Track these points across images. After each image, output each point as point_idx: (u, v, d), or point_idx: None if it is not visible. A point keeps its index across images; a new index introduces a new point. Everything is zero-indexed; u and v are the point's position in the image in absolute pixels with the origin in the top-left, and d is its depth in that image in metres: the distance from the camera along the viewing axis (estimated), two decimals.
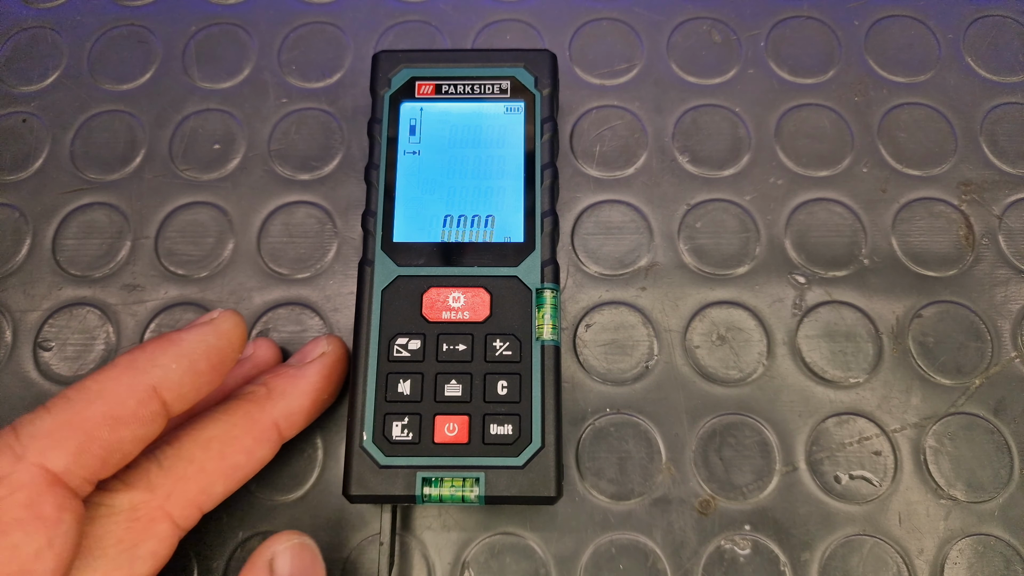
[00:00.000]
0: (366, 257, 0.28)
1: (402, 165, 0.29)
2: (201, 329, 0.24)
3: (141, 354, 0.22)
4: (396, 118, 0.30)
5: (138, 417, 0.22)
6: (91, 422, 0.21)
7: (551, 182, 0.29)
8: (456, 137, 0.30)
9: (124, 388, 0.21)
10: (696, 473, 0.30)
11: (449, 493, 0.25)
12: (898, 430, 0.30)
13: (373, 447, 0.26)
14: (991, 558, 0.28)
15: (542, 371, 0.26)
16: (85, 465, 0.21)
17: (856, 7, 0.36)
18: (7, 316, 0.32)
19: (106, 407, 0.21)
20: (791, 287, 0.32)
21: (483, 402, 0.26)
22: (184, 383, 0.23)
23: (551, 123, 0.29)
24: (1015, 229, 0.33)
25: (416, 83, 0.30)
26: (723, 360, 0.31)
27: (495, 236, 0.28)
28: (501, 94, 0.30)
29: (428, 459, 0.25)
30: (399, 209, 0.29)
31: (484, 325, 0.27)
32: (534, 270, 0.28)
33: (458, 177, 0.29)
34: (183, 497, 0.23)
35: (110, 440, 0.21)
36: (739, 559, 0.29)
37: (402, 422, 0.26)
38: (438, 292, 0.27)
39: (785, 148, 0.34)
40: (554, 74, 0.30)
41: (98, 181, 0.34)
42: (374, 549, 0.29)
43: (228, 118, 0.35)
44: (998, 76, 0.35)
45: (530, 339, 0.27)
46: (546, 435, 0.26)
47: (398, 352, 0.27)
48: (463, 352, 0.27)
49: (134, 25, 0.36)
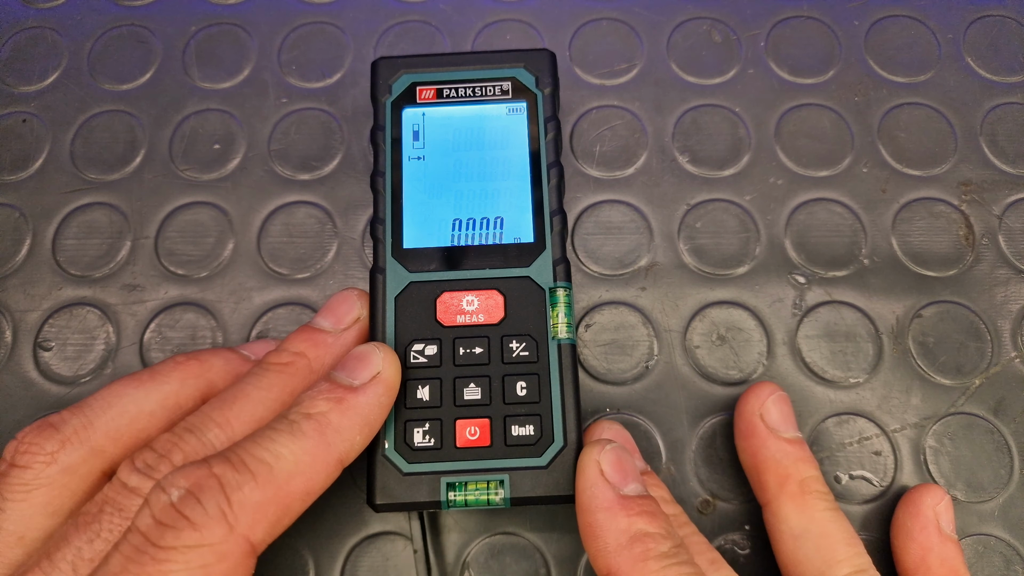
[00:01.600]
0: (377, 265, 0.28)
1: (408, 171, 0.29)
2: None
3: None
4: (399, 124, 0.30)
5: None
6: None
7: (557, 180, 0.29)
8: (460, 140, 0.30)
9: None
10: (696, 473, 0.30)
11: (474, 497, 0.25)
12: (898, 430, 0.30)
13: (396, 455, 0.26)
14: (991, 558, 0.28)
15: (560, 369, 0.26)
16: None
17: (856, 7, 0.36)
18: (7, 316, 0.32)
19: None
20: (791, 287, 0.32)
21: (503, 404, 0.26)
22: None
23: (554, 122, 0.30)
24: (1015, 229, 0.33)
25: (417, 88, 0.30)
26: (723, 360, 0.31)
27: (505, 237, 0.28)
28: (503, 95, 0.30)
29: (451, 464, 0.25)
30: (407, 215, 0.28)
31: (499, 327, 0.27)
32: (546, 269, 0.28)
33: (464, 180, 0.29)
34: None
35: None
36: (739, 559, 0.29)
37: (423, 428, 0.26)
38: (451, 296, 0.27)
39: (785, 148, 0.34)
40: (554, 73, 0.30)
41: (98, 181, 0.34)
42: (374, 549, 0.29)
43: (228, 118, 0.35)
44: (998, 76, 0.35)
45: (546, 338, 0.27)
46: (568, 433, 0.26)
47: (415, 358, 0.27)
48: (480, 355, 0.27)
49: (134, 25, 0.36)
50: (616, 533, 0.22)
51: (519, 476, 0.25)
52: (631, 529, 0.22)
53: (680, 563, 0.22)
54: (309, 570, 0.29)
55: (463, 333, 0.27)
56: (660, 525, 0.23)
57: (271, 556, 0.29)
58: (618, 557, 0.22)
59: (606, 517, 0.23)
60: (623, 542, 0.22)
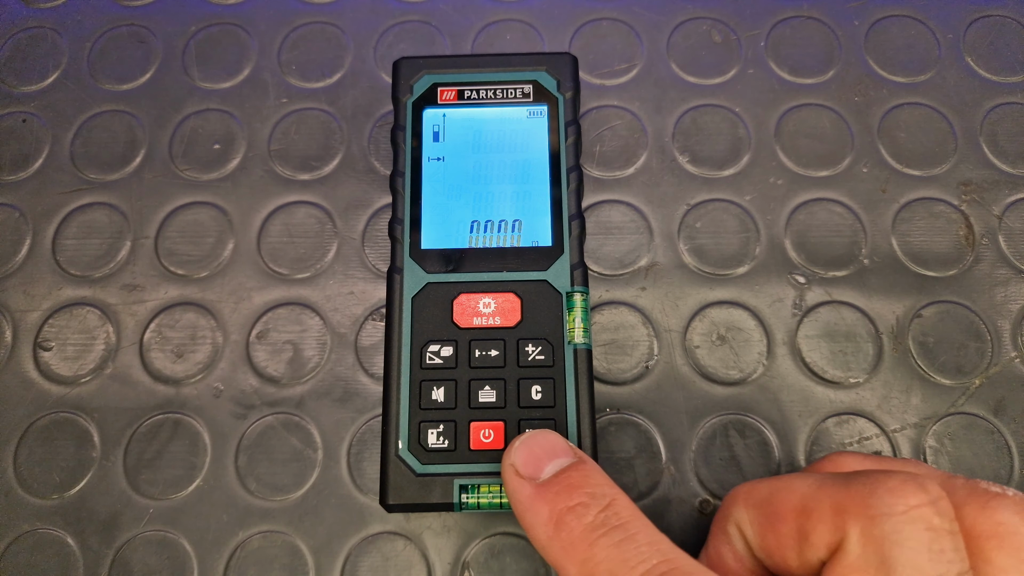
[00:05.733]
0: (395, 265, 0.28)
1: (427, 172, 0.29)
2: None
3: None
4: (419, 125, 0.30)
5: None
6: None
7: (577, 184, 0.29)
8: (480, 142, 0.30)
9: None
10: (696, 473, 0.30)
11: (487, 500, 0.25)
12: (898, 430, 0.30)
13: (409, 455, 0.26)
14: None
15: (576, 374, 0.26)
16: None
17: (856, 7, 0.36)
18: (7, 316, 0.32)
19: None
20: (791, 287, 0.32)
21: (518, 407, 0.26)
22: None
23: (575, 126, 0.29)
24: (1015, 229, 0.33)
25: (438, 89, 0.30)
26: (723, 360, 0.31)
27: (523, 240, 0.28)
28: (524, 98, 0.30)
29: (465, 466, 0.25)
30: (426, 216, 0.28)
31: (515, 330, 0.27)
32: (563, 273, 0.28)
33: (484, 182, 0.29)
34: None
35: None
36: None
37: (437, 429, 0.26)
38: (468, 298, 0.27)
39: (785, 148, 0.34)
40: (576, 76, 0.30)
41: (98, 181, 0.34)
42: (374, 549, 0.29)
43: (228, 118, 0.35)
44: (998, 76, 0.35)
45: (562, 343, 0.27)
46: (582, 439, 0.26)
47: (431, 359, 0.27)
48: (496, 358, 0.27)
49: (134, 25, 0.36)
50: (543, 526, 0.21)
51: None
52: (553, 513, 0.21)
53: (607, 531, 0.20)
54: (309, 570, 0.29)
55: (479, 335, 0.27)
56: (582, 493, 0.21)
57: (272, 556, 0.29)
58: (551, 550, 0.21)
59: (531, 514, 0.22)
60: (551, 532, 0.21)
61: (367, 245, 0.33)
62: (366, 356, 0.31)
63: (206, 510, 0.29)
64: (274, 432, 0.30)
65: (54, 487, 0.30)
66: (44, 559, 0.29)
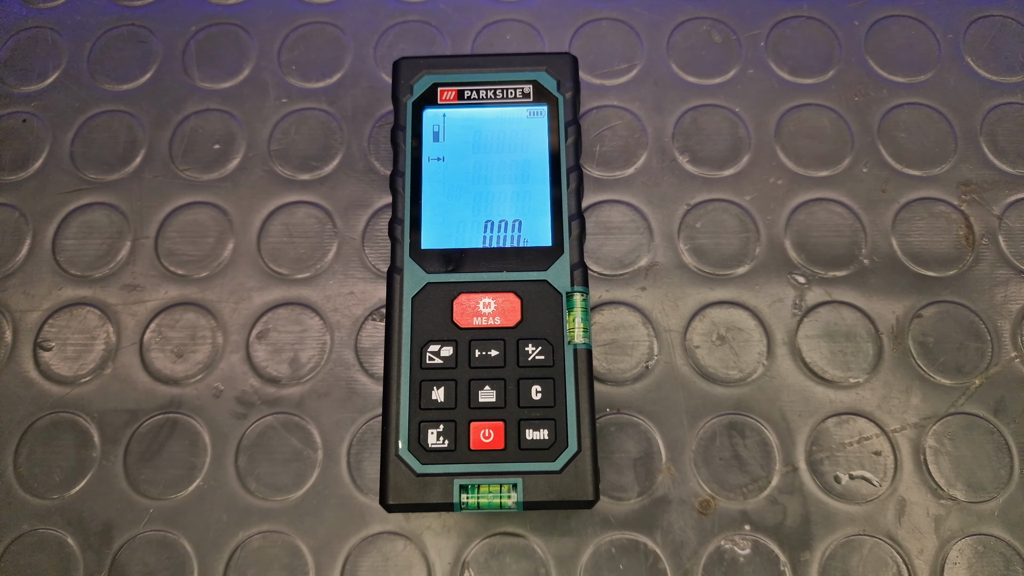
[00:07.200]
0: (395, 265, 0.28)
1: (427, 172, 0.29)
2: None
3: None
4: (419, 125, 0.30)
5: None
6: None
7: (577, 185, 0.29)
8: (480, 142, 0.30)
9: None
10: (696, 473, 0.30)
11: (487, 500, 0.25)
12: (898, 430, 0.30)
13: (409, 455, 0.26)
14: (991, 558, 0.28)
15: (576, 374, 0.26)
16: None
17: (856, 7, 0.36)
18: (7, 316, 0.32)
19: None
20: (791, 287, 0.32)
21: (518, 407, 0.26)
22: None
23: (575, 126, 0.29)
24: (1015, 229, 0.33)
25: (438, 89, 0.30)
26: (723, 360, 0.31)
27: (523, 240, 0.28)
28: (524, 98, 0.30)
29: (465, 466, 0.25)
30: (426, 216, 0.28)
31: (515, 330, 0.27)
32: (563, 273, 0.28)
33: (484, 182, 0.29)
34: None
35: None
36: (739, 559, 0.29)
37: (437, 429, 0.26)
38: (468, 298, 0.27)
39: (785, 148, 0.34)
40: (576, 77, 0.30)
41: (98, 181, 0.34)
42: (374, 549, 0.29)
43: (228, 118, 0.35)
44: (998, 76, 0.35)
45: (562, 343, 0.27)
46: (582, 439, 0.26)
47: (430, 359, 0.27)
48: (496, 358, 0.27)
49: (134, 25, 0.36)
50: None
51: (532, 480, 0.25)
52: None
53: None
54: (309, 570, 0.29)
55: (479, 335, 0.27)
56: None
57: (272, 556, 0.29)
58: None
59: None
60: None
61: (367, 245, 0.33)
62: (366, 356, 0.31)
63: (206, 510, 0.29)
64: (274, 432, 0.30)
65: (54, 487, 0.30)
66: (44, 559, 0.29)
